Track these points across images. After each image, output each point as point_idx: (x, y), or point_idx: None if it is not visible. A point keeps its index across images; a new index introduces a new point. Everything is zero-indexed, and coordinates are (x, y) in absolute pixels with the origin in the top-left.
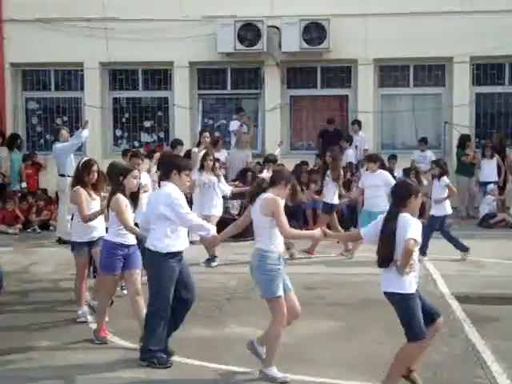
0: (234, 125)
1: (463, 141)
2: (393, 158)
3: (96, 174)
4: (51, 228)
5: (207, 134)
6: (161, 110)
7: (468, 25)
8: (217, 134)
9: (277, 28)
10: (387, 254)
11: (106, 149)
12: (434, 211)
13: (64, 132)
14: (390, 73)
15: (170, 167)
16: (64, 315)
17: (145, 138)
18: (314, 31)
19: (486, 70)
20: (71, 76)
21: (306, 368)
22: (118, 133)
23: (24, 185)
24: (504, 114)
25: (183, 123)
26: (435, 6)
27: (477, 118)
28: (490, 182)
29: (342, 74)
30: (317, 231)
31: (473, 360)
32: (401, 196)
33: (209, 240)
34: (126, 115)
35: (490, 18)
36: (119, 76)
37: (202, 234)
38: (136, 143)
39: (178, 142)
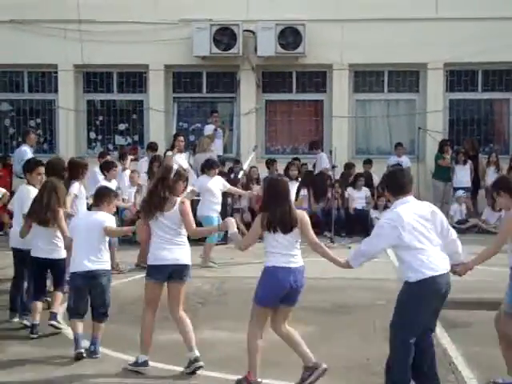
0: (209, 129)
1: (442, 145)
2: (368, 162)
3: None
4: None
5: (182, 137)
6: (135, 113)
7: (442, 32)
8: (192, 137)
9: (252, 32)
10: None
11: (80, 152)
12: None
13: (32, 135)
14: (365, 78)
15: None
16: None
17: (119, 140)
18: (290, 36)
19: (459, 77)
20: (45, 78)
21: (275, 372)
22: (92, 135)
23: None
24: (477, 120)
25: (158, 126)
26: (410, 12)
27: (450, 124)
28: (463, 188)
29: (317, 78)
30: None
31: (444, 365)
32: None
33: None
34: (101, 118)
35: (464, 26)
36: (94, 78)
37: None
38: (110, 146)
39: (149, 147)
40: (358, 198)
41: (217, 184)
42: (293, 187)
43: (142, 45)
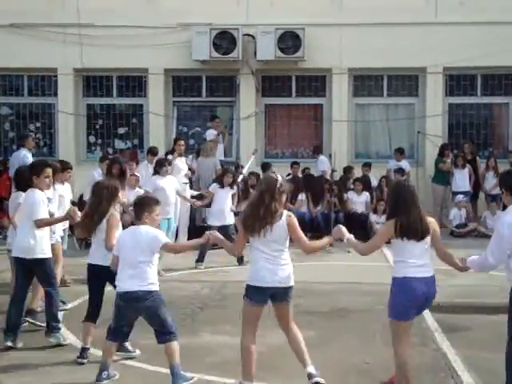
0: (211, 134)
1: (443, 149)
2: (366, 165)
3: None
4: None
5: (182, 141)
6: (135, 117)
7: (442, 36)
8: (191, 141)
9: (252, 36)
10: None
11: (80, 155)
12: None
13: (31, 139)
14: (364, 82)
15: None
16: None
17: (119, 144)
18: (289, 40)
19: (458, 81)
20: (45, 82)
21: (275, 376)
22: (92, 139)
23: None
24: (476, 124)
25: (158, 130)
26: (409, 16)
27: (449, 128)
28: (462, 192)
29: (317, 83)
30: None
31: (444, 369)
32: None
33: None
34: (100, 122)
35: (463, 30)
36: (93, 82)
37: None
38: (110, 150)
39: (149, 151)
40: (358, 201)
41: (170, 184)
42: (227, 194)
43: (141, 49)
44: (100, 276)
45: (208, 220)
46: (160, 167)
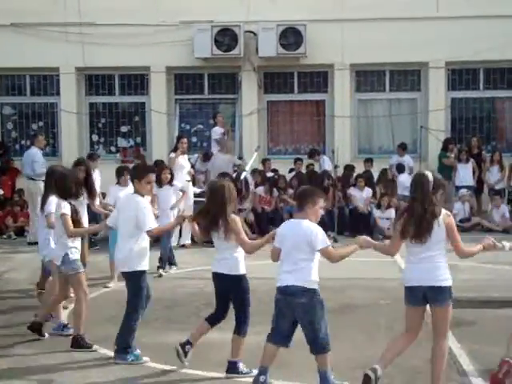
0: (217, 131)
1: (446, 144)
2: (368, 161)
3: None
4: (26, 234)
5: (185, 139)
6: (138, 115)
7: (443, 30)
8: (194, 138)
9: (253, 33)
10: None
11: (83, 154)
12: None
13: (41, 138)
14: (367, 78)
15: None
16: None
17: (121, 143)
18: (291, 36)
19: (461, 75)
20: (47, 81)
21: (283, 372)
22: (95, 138)
23: (1, 191)
24: (479, 118)
25: (160, 128)
26: (411, 11)
27: (452, 122)
28: (465, 187)
29: (319, 78)
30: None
31: (449, 363)
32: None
33: None
34: (103, 120)
35: (465, 24)
36: (95, 81)
37: None
38: (113, 148)
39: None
40: (361, 197)
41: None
42: (168, 192)
43: (143, 47)
44: (227, 286)
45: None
46: (119, 176)
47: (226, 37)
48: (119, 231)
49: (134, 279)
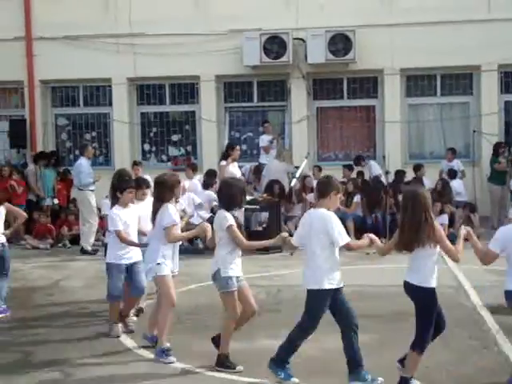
0: (264, 139)
1: (497, 148)
2: (417, 167)
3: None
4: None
5: (238, 147)
6: (188, 124)
7: (495, 33)
8: (244, 146)
9: (302, 40)
10: None
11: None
12: None
13: (90, 148)
14: (417, 82)
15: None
16: (95, 329)
17: (172, 151)
18: (340, 42)
19: None
20: (99, 92)
21: (331, 381)
22: (146, 147)
23: (56, 201)
24: None
25: (210, 136)
26: (461, 14)
27: (506, 126)
28: None
29: (369, 84)
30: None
31: (507, 372)
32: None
33: None
34: (154, 129)
35: None
36: (146, 91)
37: None
38: (164, 157)
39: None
40: None
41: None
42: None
43: (192, 56)
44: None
45: None
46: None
47: (274, 44)
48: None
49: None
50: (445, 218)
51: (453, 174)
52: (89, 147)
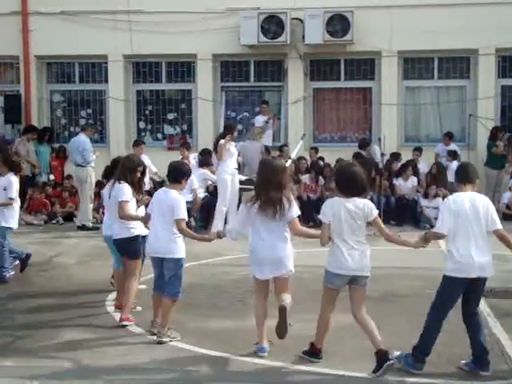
0: (259, 120)
1: (495, 132)
2: (417, 150)
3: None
4: (75, 219)
5: (237, 127)
6: (184, 103)
7: (493, 16)
8: (240, 126)
9: (300, 20)
10: None
11: (130, 141)
12: None
13: (91, 129)
14: (414, 65)
15: None
16: (89, 307)
17: (168, 130)
18: (338, 23)
19: (511, 62)
20: (95, 69)
21: (327, 361)
22: (142, 125)
23: (52, 177)
24: None
25: (206, 115)
26: None
27: (502, 110)
28: None
29: (366, 66)
30: None
31: (497, 355)
32: None
33: None
34: (150, 108)
35: None
36: (143, 69)
37: None
38: (159, 135)
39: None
40: (406, 187)
41: None
42: None
43: (189, 34)
44: None
45: None
46: None
47: (272, 24)
48: None
49: None
50: (439, 201)
51: (453, 155)
52: (90, 129)
